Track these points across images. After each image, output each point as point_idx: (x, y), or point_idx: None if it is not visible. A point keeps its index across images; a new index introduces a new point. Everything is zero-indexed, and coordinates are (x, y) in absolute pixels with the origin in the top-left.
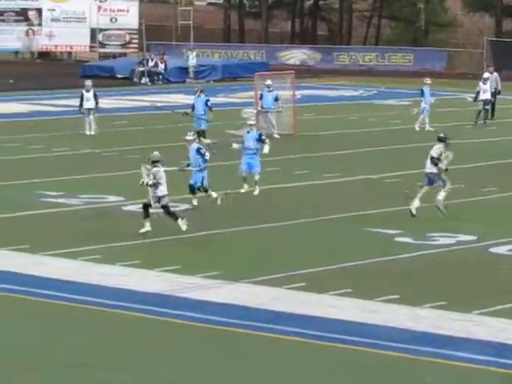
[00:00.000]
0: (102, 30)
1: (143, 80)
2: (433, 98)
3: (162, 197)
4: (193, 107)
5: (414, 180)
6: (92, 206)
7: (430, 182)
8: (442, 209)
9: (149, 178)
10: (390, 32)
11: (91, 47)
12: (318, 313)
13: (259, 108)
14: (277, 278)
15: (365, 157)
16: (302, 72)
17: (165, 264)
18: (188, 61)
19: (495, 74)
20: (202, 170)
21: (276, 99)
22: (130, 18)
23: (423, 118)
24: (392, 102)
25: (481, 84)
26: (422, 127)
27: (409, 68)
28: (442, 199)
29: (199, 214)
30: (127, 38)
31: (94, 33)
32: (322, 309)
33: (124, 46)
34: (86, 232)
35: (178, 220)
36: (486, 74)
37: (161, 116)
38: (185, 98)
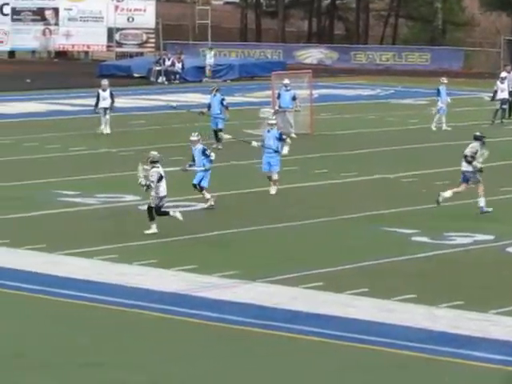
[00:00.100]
0: (118, 30)
1: (160, 79)
2: (449, 98)
3: (163, 197)
4: (209, 106)
5: (430, 179)
6: (109, 206)
7: (466, 179)
8: (488, 209)
9: (146, 178)
10: (407, 31)
11: (108, 46)
12: (335, 312)
13: (277, 107)
14: (293, 277)
15: (382, 156)
16: (319, 71)
17: (181, 263)
18: (205, 59)
19: None
20: (206, 171)
21: (294, 98)
22: (147, 18)
23: (439, 117)
24: (409, 101)
25: (498, 83)
26: (439, 127)
27: (426, 67)
28: (483, 204)
29: (216, 213)
30: (144, 37)
31: (110, 32)
32: (340, 308)
33: (141, 45)
34: (102, 231)
35: (171, 213)
36: (503, 74)
37: (177, 115)
38: (201, 98)
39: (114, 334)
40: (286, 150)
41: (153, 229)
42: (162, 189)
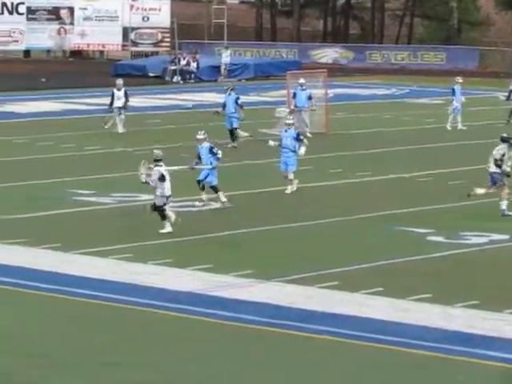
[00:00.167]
0: (134, 29)
1: (175, 79)
2: (463, 97)
3: (168, 197)
4: (224, 106)
5: (446, 179)
6: (124, 205)
7: (494, 181)
8: (509, 213)
9: (148, 176)
10: (422, 31)
11: (123, 46)
12: (350, 312)
13: (292, 107)
14: (309, 276)
15: (397, 155)
16: (335, 71)
17: (196, 263)
18: (221, 58)
19: None
20: (212, 168)
21: (309, 98)
22: (162, 17)
23: (454, 117)
24: (424, 100)
25: None
26: (454, 126)
27: (441, 67)
28: (505, 207)
29: (230, 212)
30: (159, 36)
31: (126, 31)
32: (355, 308)
33: (156, 44)
34: (117, 230)
35: (167, 217)
36: None
37: (192, 115)
38: (216, 97)
39: (129, 334)
40: (303, 150)
41: (167, 228)
42: (167, 189)
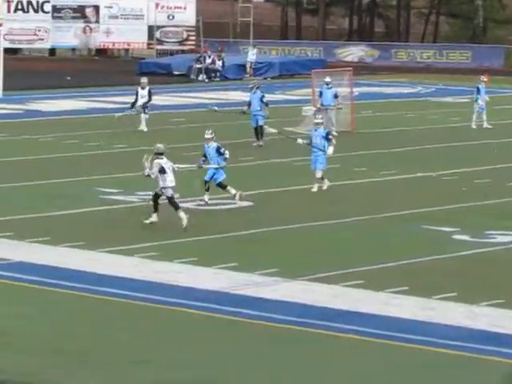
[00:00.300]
0: (159, 27)
1: (200, 77)
2: (487, 96)
3: (172, 187)
4: (249, 104)
5: (471, 177)
6: (149, 204)
7: None
8: None
9: (150, 170)
10: (448, 29)
11: (149, 44)
12: (375, 311)
13: (318, 105)
14: (334, 275)
15: (423, 154)
16: (360, 69)
17: (221, 261)
18: (247, 57)
19: None
20: (220, 168)
21: (335, 96)
22: (188, 15)
23: (478, 115)
24: (450, 99)
25: None
26: (479, 125)
27: (467, 65)
28: None
29: (254, 210)
30: (184, 35)
31: (151, 30)
32: (380, 307)
33: (181, 43)
34: (142, 229)
35: (179, 209)
36: None
37: (217, 113)
38: (242, 95)
39: (157, 332)
40: (331, 150)
41: (152, 218)
42: (169, 180)
